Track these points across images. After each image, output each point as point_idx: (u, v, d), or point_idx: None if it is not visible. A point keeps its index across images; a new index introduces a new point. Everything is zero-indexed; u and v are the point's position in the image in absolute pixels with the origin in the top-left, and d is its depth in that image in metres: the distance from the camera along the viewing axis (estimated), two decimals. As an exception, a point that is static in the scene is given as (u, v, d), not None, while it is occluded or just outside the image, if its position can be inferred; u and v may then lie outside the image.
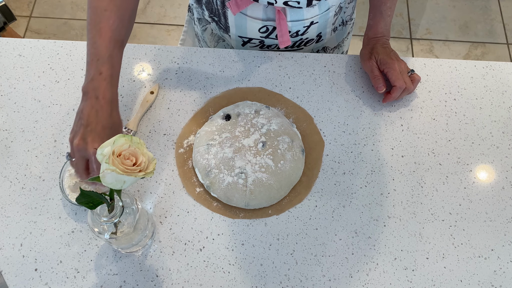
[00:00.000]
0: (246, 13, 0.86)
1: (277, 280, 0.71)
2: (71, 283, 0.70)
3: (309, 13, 0.85)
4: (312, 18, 0.87)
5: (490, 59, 2.04)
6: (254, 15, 0.86)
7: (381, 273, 0.72)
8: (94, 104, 0.68)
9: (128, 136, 0.56)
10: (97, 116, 0.68)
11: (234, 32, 0.92)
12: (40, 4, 2.09)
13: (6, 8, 1.31)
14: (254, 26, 0.88)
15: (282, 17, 0.84)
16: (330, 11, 0.88)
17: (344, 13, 0.96)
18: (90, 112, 0.68)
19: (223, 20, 0.91)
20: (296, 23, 0.87)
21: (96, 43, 0.70)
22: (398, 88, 0.82)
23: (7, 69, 0.87)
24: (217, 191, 0.75)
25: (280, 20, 0.84)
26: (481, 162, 0.82)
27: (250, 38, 0.92)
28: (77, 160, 0.68)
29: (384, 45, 0.86)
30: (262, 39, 0.91)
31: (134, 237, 0.67)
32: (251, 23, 0.87)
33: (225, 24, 0.91)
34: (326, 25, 0.92)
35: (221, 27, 0.94)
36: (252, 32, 0.90)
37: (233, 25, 0.90)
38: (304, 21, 0.87)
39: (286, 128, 0.80)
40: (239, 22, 0.88)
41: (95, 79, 0.69)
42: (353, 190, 0.78)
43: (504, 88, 0.89)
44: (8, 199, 0.76)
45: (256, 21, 0.87)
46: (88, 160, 0.68)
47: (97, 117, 0.68)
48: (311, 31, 0.91)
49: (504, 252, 0.74)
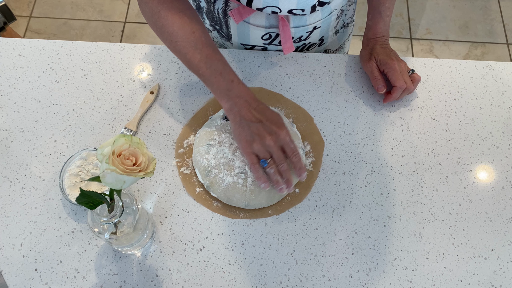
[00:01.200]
0: (249, 21, 0.86)
1: (277, 280, 0.71)
2: (71, 283, 0.70)
3: (312, 18, 0.85)
4: (315, 23, 0.87)
5: (490, 59, 2.04)
6: (257, 23, 0.85)
7: (381, 273, 0.72)
8: (249, 107, 0.72)
9: (128, 136, 0.56)
10: (260, 112, 0.72)
11: (236, 40, 0.92)
12: (40, 4, 2.09)
13: (6, 8, 1.31)
14: (257, 33, 0.88)
15: (285, 23, 0.83)
16: (332, 15, 0.88)
17: (345, 15, 0.96)
18: (253, 114, 0.72)
19: (225, 28, 0.91)
20: (299, 29, 0.87)
21: (208, 63, 0.73)
22: (398, 88, 0.82)
23: (7, 69, 0.87)
24: (217, 191, 0.75)
25: (283, 27, 0.83)
26: (481, 162, 0.82)
27: (252, 46, 0.92)
28: (276, 153, 0.71)
29: (383, 45, 0.86)
30: (265, 46, 0.91)
31: (134, 237, 0.67)
32: (254, 31, 0.87)
33: (227, 32, 0.91)
34: (328, 28, 0.92)
35: (223, 35, 0.94)
36: (255, 39, 0.89)
37: (235, 34, 0.90)
38: (307, 26, 0.87)
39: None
40: (242, 30, 0.88)
41: (232, 89, 0.73)
42: (353, 190, 0.78)
43: (504, 88, 0.89)
44: (8, 199, 0.76)
45: (259, 29, 0.86)
46: (284, 146, 0.71)
47: (261, 113, 0.72)
48: (314, 35, 0.91)
49: (504, 252, 0.74)
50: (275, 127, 0.71)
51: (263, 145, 0.70)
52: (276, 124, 0.71)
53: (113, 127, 0.82)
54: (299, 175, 0.73)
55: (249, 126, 0.71)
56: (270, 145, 0.70)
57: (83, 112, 0.84)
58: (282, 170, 0.72)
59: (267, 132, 0.70)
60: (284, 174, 0.72)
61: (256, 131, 0.71)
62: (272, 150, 0.71)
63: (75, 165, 0.76)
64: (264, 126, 0.71)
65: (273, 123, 0.71)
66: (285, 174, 0.72)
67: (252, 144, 0.71)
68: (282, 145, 0.71)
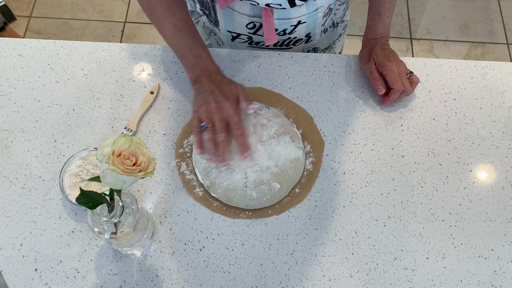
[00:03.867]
0: (233, 8, 0.86)
1: (277, 280, 0.71)
2: (71, 283, 0.70)
3: (297, 12, 0.85)
4: (300, 18, 0.87)
5: (490, 59, 2.04)
6: (241, 10, 0.86)
7: (381, 273, 0.72)
8: (210, 79, 0.76)
9: (128, 136, 0.56)
10: (217, 84, 0.76)
11: (223, 27, 0.92)
12: (40, 4, 2.09)
13: (6, 8, 1.31)
14: (241, 21, 0.88)
15: (269, 14, 0.83)
16: (318, 11, 0.88)
17: (334, 14, 0.96)
18: (212, 86, 0.76)
19: (213, 13, 0.92)
20: (283, 21, 0.87)
21: (180, 37, 0.78)
22: (396, 90, 0.82)
23: (7, 69, 0.87)
24: (217, 191, 0.75)
25: (266, 18, 0.84)
26: (481, 162, 0.82)
27: (238, 34, 0.92)
28: (218, 121, 0.73)
29: (383, 46, 0.86)
30: (250, 35, 0.92)
31: (134, 237, 0.67)
32: (238, 18, 0.88)
33: (215, 17, 0.92)
34: (315, 25, 0.92)
35: (211, 21, 0.95)
36: (240, 27, 0.90)
37: (222, 20, 0.90)
38: (291, 20, 0.87)
39: (286, 128, 0.80)
40: (228, 17, 0.89)
41: (198, 63, 0.78)
42: (353, 190, 0.78)
43: (504, 88, 0.89)
44: (8, 199, 0.76)
45: (244, 17, 0.87)
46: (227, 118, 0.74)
47: (217, 85, 0.76)
48: (299, 30, 0.91)
49: (504, 252, 0.74)
50: (223, 98, 0.74)
51: (207, 111, 0.74)
52: (225, 96, 0.75)
53: (113, 127, 0.82)
54: (241, 153, 0.74)
55: (203, 94, 0.76)
56: (213, 112, 0.74)
57: (83, 112, 0.84)
58: (218, 140, 0.73)
59: (214, 100, 0.74)
60: (220, 145, 0.73)
61: (206, 99, 0.75)
62: (214, 118, 0.74)
63: (75, 165, 0.76)
64: (214, 95, 0.75)
65: (223, 94, 0.75)
66: (221, 145, 0.73)
67: (199, 110, 0.75)
68: (226, 117, 0.74)
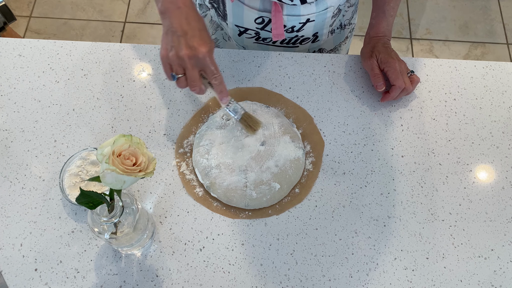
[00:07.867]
0: (243, 1, 0.86)
1: (277, 280, 0.71)
2: (71, 283, 0.70)
3: (306, 9, 0.85)
4: (309, 16, 0.87)
5: (490, 59, 2.04)
6: (251, 4, 0.86)
7: (381, 273, 0.72)
8: (180, 14, 0.67)
9: (128, 136, 0.56)
10: (189, 22, 0.67)
11: (231, 21, 0.92)
12: (40, 4, 2.09)
13: (6, 8, 1.31)
14: (250, 16, 0.88)
15: (278, 9, 0.83)
16: (328, 11, 0.88)
17: (343, 16, 0.96)
18: (181, 22, 0.66)
19: (222, 7, 0.91)
20: (292, 18, 0.87)
21: None
22: (397, 87, 0.82)
23: (7, 69, 0.87)
24: (217, 191, 0.75)
25: (276, 13, 0.84)
26: (481, 162, 0.82)
27: (246, 28, 0.92)
28: (190, 71, 0.67)
29: (385, 44, 0.86)
30: (258, 31, 0.91)
31: (134, 237, 0.67)
32: (247, 12, 0.87)
33: (224, 11, 0.92)
34: (323, 25, 0.92)
35: (220, 14, 0.95)
36: (249, 22, 0.90)
37: (230, 13, 0.90)
38: (300, 17, 0.87)
39: (286, 128, 0.80)
40: (237, 10, 0.89)
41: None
42: (353, 190, 0.78)
43: (504, 88, 0.89)
44: (8, 199, 0.76)
45: (253, 11, 0.87)
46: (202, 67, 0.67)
47: (189, 24, 0.67)
48: (307, 29, 0.91)
49: (504, 252, 0.74)
50: (197, 43, 0.66)
51: (177, 57, 0.67)
52: (200, 41, 0.66)
53: (113, 127, 0.82)
54: (221, 99, 0.70)
55: (172, 35, 0.67)
56: (184, 59, 0.67)
57: (83, 112, 0.84)
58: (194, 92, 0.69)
59: (186, 45, 0.66)
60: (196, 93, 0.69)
61: (176, 42, 0.67)
62: (186, 66, 0.67)
63: (75, 165, 0.76)
64: (186, 38, 0.66)
65: (197, 37, 0.66)
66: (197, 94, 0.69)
67: (169, 54, 0.68)
68: (201, 67, 0.68)
